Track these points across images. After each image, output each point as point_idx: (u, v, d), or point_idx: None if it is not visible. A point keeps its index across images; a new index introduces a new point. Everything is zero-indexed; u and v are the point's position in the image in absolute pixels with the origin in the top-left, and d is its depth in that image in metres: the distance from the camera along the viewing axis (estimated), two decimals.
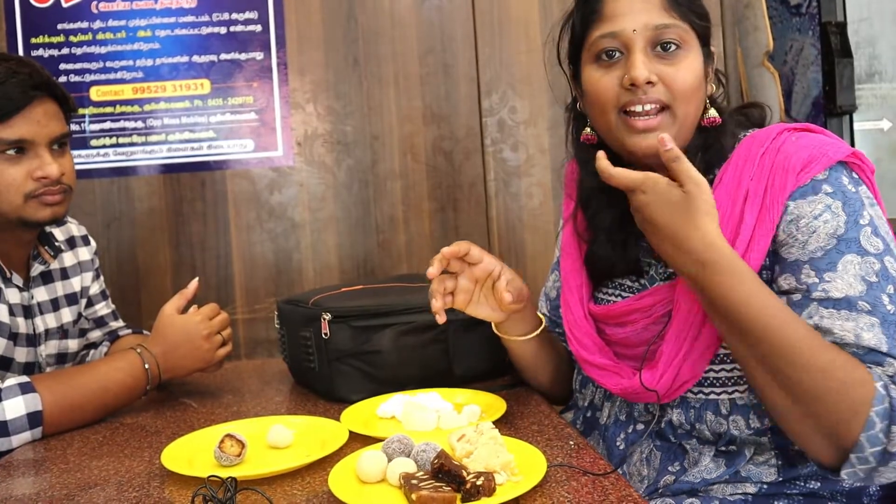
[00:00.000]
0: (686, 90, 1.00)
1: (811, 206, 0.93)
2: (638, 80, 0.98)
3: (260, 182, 2.12)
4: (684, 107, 1.00)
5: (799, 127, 1.00)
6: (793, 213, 0.94)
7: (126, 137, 2.10)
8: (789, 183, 0.94)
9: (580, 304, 1.15)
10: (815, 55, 3.03)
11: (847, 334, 0.88)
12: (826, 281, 0.90)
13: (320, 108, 2.13)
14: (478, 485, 0.79)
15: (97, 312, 1.60)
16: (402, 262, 2.13)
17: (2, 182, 1.28)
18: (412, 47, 2.13)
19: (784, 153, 0.97)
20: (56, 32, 2.09)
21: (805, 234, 0.93)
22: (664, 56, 1.00)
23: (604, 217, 1.11)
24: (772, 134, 1.00)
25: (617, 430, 1.12)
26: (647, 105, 0.99)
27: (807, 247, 0.93)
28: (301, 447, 1.05)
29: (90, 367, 1.29)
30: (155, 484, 0.95)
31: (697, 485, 1.01)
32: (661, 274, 1.09)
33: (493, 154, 2.15)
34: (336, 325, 1.27)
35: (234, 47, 2.11)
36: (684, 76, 0.99)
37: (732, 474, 1.00)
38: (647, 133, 1.00)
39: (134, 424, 1.24)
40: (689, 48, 1.01)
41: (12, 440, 1.14)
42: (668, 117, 1.00)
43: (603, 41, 1.02)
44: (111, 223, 2.10)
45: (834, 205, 0.93)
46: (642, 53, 0.99)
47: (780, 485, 0.99)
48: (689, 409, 1.03)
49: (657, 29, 0.99)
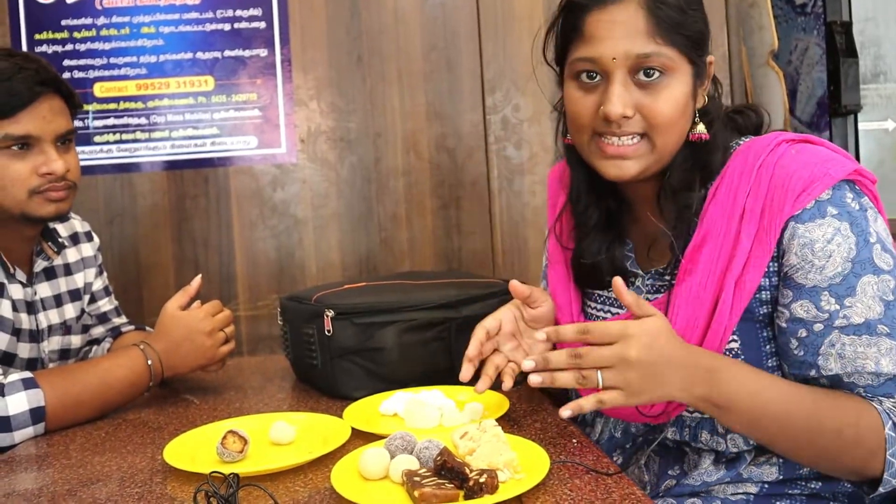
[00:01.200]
0: (665, 121, 0.95)
1: (821, 229, 0.90)
2: (612, 116, 0.94)
3: (263, 179, 2.12)
4: (664, 137, 0.96)
5: (798, 138, 0.96)
6: (805, 237, 0.91)
7: (129, 134, 2.10)
8: (788, 203, 0.91)
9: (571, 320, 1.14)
10: (819, 55, 3.03)
11: (868, 363, 0.89)
12: (847, 307, 0.89)
13: (323, 105, 2.12)
14: (480, 482, 0.79)
15: (100, 309, 1.60)
16: (405, 260, 2.13)
17: (6, 177, 1.28)
18: (415, 44, 2.13)
19: (783, 168, 0.93)
20: (60, 28, 2.09)
21: (822, 258, 0.90)
22: (645, 85, 0.94)
23: (591, 214, 1.10)
24: (769, 145, 0.96)
25: (612, 447, 1.11)
26: (622, 137, 0.96)
27: (824, 272, 0.90)
28: (303, 444, 1.05)
29: (93, 363, 1.29)
30: (157, 480, 0.95)
31: (698, 487, 1.00)
32: (647, 286, 1.07)
33: (497, 152, 2.15)
34: (339, 322, 1.27)
35: (238, 44, 2.11)
36: (663, 107, 0.95)
37: (733, 476, 1.00)
38: (617, 160, 0.97)
39: (136, 420, 1.24)
40: (674, 74, 0.95)
41: (15, 435, 1.14)
42: (645, 145, 0.97)
43: (581, 63, 0.97)
44: (114, 219, 2.10)
45: (842, 227, 0.90)
46: (620, 84, 0.94)
47: (782, 484, 0.99)
48: (685, 427, 1.03)
49: (639, 58, 0.93)
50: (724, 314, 0.95)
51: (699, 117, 1.00)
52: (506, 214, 2.15)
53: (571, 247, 1.14)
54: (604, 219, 1.10)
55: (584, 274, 1.12)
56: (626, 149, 0.96)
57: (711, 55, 1.01)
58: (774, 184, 0.93)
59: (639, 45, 0.93)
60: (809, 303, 0.91)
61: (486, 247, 2.15)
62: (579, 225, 1.12)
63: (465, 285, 1.41)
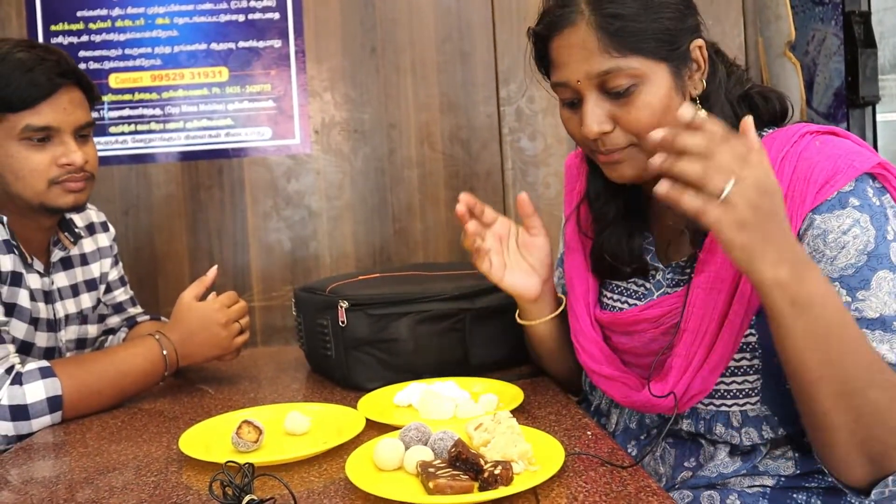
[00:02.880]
0: (645, 128, 0.92)
1: (838, 220, 0.89)
2: (589, 136, 0.96)
3: (277, 170, 2.12)
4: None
5: (823, 130, 0.95)
6: (819, 228, 0.89)
7: (144, 125, 2.11)
8: (810, 195, 0.90)
9: (586, 311, 1.13)
10: (837, 45, 2.99)
11: (887, 355, 0.85)
12: (860, 300, 0.87)
13: (337, 97, 2.12)
14: (495, 473, 0.79)
15: (116, 298, 1.61)
16: (419, 251, 2.13)
17: (26, 167, 1.29)
18: (429, 35, 2.12)
19: (806, 160, 0.91)
20: (76, 20, 2.10)
21: (834, 249, 0.89)
22: (617, 98, 0.94)
23: (610, 208, 1.10)
24: (793, 136, 0.94)
25: (627, 438, 1.11)
26: (608, 149, 0.98)
27: (836, 263, 0.89)
28: (318, 434, 1.05)
29: (109, 352, 1.30)
30: (173, 469, 0.96)
31: (714, 479, 1.00)
32: (668, 280, 1.06)
33: (511, 143, 2.14)
34: (353, 313, 1.27)
35: (252, 35, 2.11)
36: (639, 116, 0.94)
37: (750, 469, 0.99)
38: (613, 165, 0.99)
39: (152, 410, 1.25)
40: (645, 80, 0.94)
41: (32, 424, 1.16)
42: (634, 151, 0.97)
43: (558, 89, 1.00)
44: (129, 210, 2.11)
45: (862, 219, 0.88)
46: (593, 103, 0.95)
47: (799, 478, 0.98)
48: (700, 419, 1.02)
49: (600, 76, 0.93)
50: (742, 306, 0.93)
51: (700, 103, 0.98)
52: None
53: (592, 236, 1.14)
54: (623, 212, 1.09)
55: (603, 264, 1.12)
56: (614, 156, 0.98)
57: (698, 40, 0.97)
58: (797, 175, 0.91)
59: (596, 64, 0.93)
60: None
61: None
62: (598, 219, 1.12)
63: (479, 276, 1.40)
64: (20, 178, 1.29)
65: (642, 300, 1.08)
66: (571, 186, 1.22)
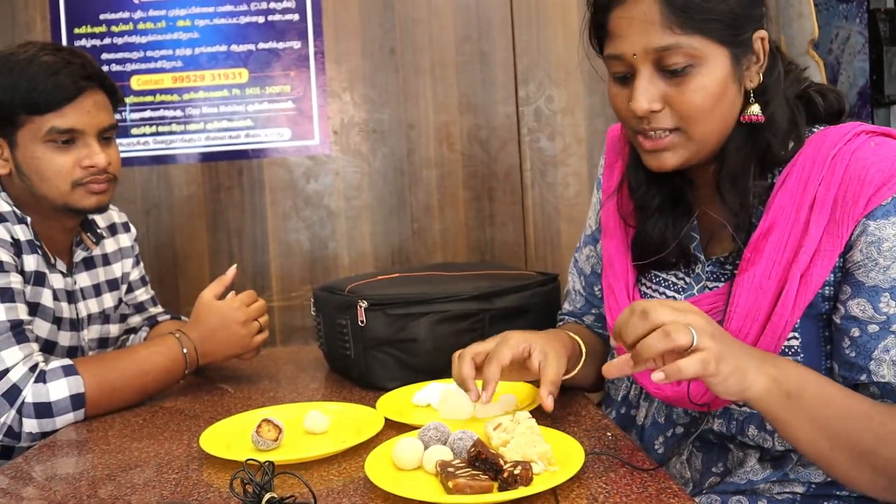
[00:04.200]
0: (697, 113, 0.92)
1: (894, 228, 0.86)
2: (637, 112, 0.93)
3: (296, 170, 2.13)
4: (698, 127, 0.93)
5: (878, 131, 0.91)
6: (874, 235, 0.87)
7: (165, 126, 2.13)
8: (864, 198, 0.87)
9: (626, 291, 1.10)
10: (862, 43, 2.96)
11: None
12: None
13: (356, 97, 2.13)
14: (515, 474, 0.78)
15: (137, 298, 1.62)
16: (437, 251, 2.13)
17: (51, 169, 1.31)
18: (448, 35, 2.12)
19: (860, 161, 0.88)
20: (98, 23, 2.12)
21: (888, 259, 0.86)
22: (672, 77, 0.92)
23: (654, 197, 1.06)
24: (846, 135, 0.91)
25: (654, 433, 1.09)
26: (654, 131, 0.95)
27: (888, 272, 0.86)
28: (337, 433, 1.05)
29: (131, 351, 1.31)
30: (193, 466, 0.96)
31: (744, 486, 0.98)
32: (707, 274, 1.04)
33: (530, 143, 2.13)
34: (372, 313, 1.27)
35: (272, 36, 2.12)
36: (692, 99, 0.91)
37: (780, 476, 0.97)
38: (656, 153, 0.96)
39: (173, 408, 1.26)
40: (704, 62, 0.91)
41: (56, 421, 1.17)
42: (680, 137, 0.95)
43: (611, 62, 0.97)
44: (150, 210, 2.13)
45: None
46: (646, 79, 0.92)
47: (830, 486, 0.96)
48: (732, 420, 0.99)
49: (658, 52, 0.90)
50: (787, 307, 0.91)
51: (755, 97, 0.96)
52: (538, 206, 2.14)
53: (632, 224, 1.10)
54: (668, 200, 1.05)
55: (646, 254, 1.07)
56: (661, 141, 0.95)
57: (762, 31, 0.95)
58: (850, 175, 0.88)
59: (656, 39, 0.90)
60: (867, 302, 0.87)
61: (518, 238, 2.14)
62: (641, 207, 1.08)
63: (498, 277, 1.41)
64: (45, 180, 1.31)
65: (681, 294, 1.06)
66: (613, 160, 1.18)
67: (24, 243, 1.30)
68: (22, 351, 1.19)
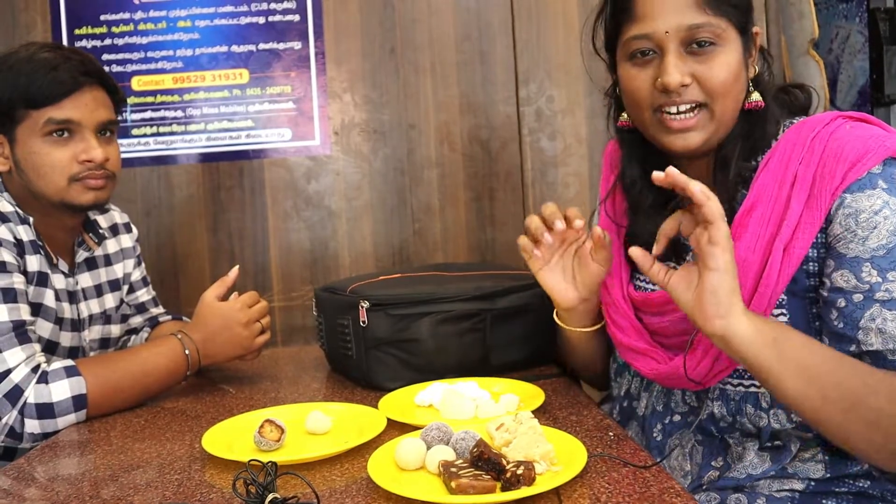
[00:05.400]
0: (722, 87, 0.98)
1: (870, 200, 0.90)
2: (670, 85, 0.97)
3: (297, 171, 2.13)
4: (722, 103, 0.99)
5: (855, 116, 0.97)
6: (851, 207, 0.91)
7: (166, 126, 2.13)
8: (840, 173, 0.91)
9: (620, 287, 1.14)
10: (862, 43, 2.96)
11: None
12: (890, 280, 0.88)
13: (357, 97, 2.13)
14: (518, 474, 0.78)
15: (138, 298, 1.62)
16: (438, 251, 2.13)
17: (47, 164, 1.31)
18: (449, 35, 2.12)
19: (837, 141, 0.94)
20: (99, 23, 2.12)
21: (865, 229, 0.90)
22: (698, 53, 0.98)
23: (646, 195, 1.10)
24: (825, 120, 0.97)
25: (654, 421, 1.11)
26: (681, 106, 0.99)
27: (867, 243, 0.90)
28: (339, 434, 1.05)
29: (132, 351, 1.31)
30: (196, 467, 0.96)
31: (743, 481, 0.99)
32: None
33: (531, 143, 2.13)
34: (374, 313, 1.28)
35: (273, 37, 2.12)
36: (719, 73, 0.97)
37: (779, 470, 0.98)
38: (683, 133, 1.00)
39: (174, 409, 1.26)
40: (726, 43, 0.98)
41: (58, 422, 1.17)
42: (705, 115, 0.99)
43: (636, 42, 1.00)
44: (151, 211, 2.13)
45: (891, 201, 0.90)
46: (675, 55, 0.98)
47: (829, 482, 0.97)
48: (729, 401, 1.02)
49: (690, 29, 0.97)
50: (772, 278, 0.94)
51: (753, 87, 1.03)
52: (539, 206, 2.13)
53: (625, 223, 1.15)
54: (660, 198, 1.09)
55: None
56: (688, 121, 0.99)
57: (757, 26, 1.03)
58: (827, 153, 0.93)
59: (689, 17, 0.97)
60: (850, 273, 0.90)
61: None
62: (634, 205, 1.13)
63: (499, 277, 1.41)
64: (41, 175, 1.31)
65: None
66: (608, 174, 1.23)
67: (26, 244, 1.30)
68: (24, 351, 1.19)
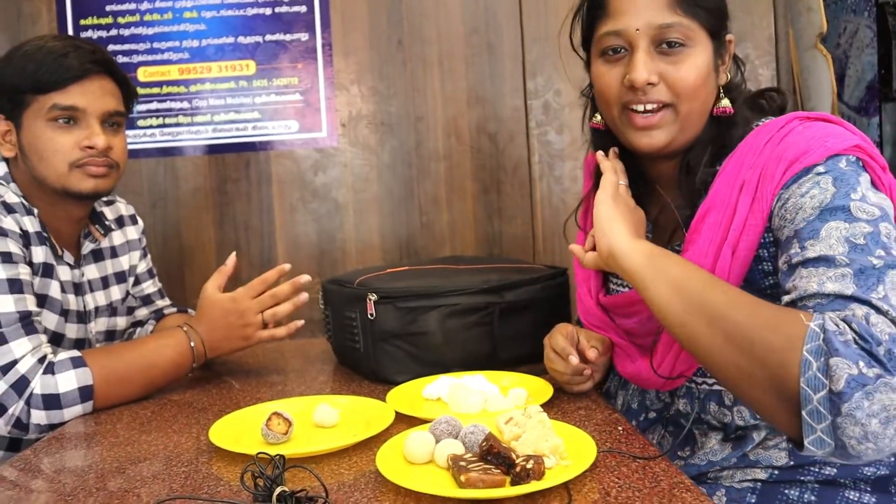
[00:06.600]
0: (688, 89, 0.99)
1: (800, 187, 0.90)
2: (636, 82, 0.98)
3: (304, 163, 2.13)
4: (687, 105, 1.00)
5: (813, 116, 0.97)
6: (783, 199, 0.92)
7: (172, 118, 2.12)
8: (779, 173, 0.92)
9: (589, 295, 1.18)
10: (870, 37, 2.94)
11: (811, 285, 0.82)
12: (806, 248, 0.86)
13: (364, 90, 2.12)
14: (527, 468, 0.78)
15: (144, 290, 1.62)
16: (445, 244, 2.12)
17: (49, 149, 1.31)
18: (457, 27, 2.11)
19: (784, 143, 0.94)
20: (105, 14, 2.11)
21: (792, 212, 0.90)
22: (667, 54, 0.99)
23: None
24: (780, 123, 0.97)
25: (630, 418, 1.13)
26: (647, 105, 1.00)
27: (794, 223, 0.89)
28: (347, 427, 1.05)
29: (138, 343, 1.31)
30: (203, 459, 0.96)
31: (704, 467, 1.01)
32: None
33: (538, 136, 2.12)
34: (382, 306, 1.27)
35: (280, 28, 2.11)
36: (686, 75, 0.98)
37: (740, 457, 0.99)
38: (647, 130, 1.01)
39: (181, 401, 1.25)
40: (695, 44, 0.99)
41: (64, 413, 1.17)
42: (670, 114, 1.01)
43: (608, 38, 1.02)
44: (157, 202, 2.12)
45: (822, 180, 0.89)
46: (644, 53, 0.99)
47: (793, 470, 0.97)
48: (694, 399, 1.05)
49: (661, 28, 0.98)
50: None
51: (724, 93, 1.04)
52: (546, 200, 2.13)
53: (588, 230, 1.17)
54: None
55: None
56: (652, 118, 1.00)
57: (731, 35, 1.05)
58: (773, 156, 0.94)
59: (661, 16, 0.98)
60: (785, 255, 0.90)
61: (526, 232, 2.13)
62: None
63: (507, 270, 1.40)
64: (43, 160, 1.31)
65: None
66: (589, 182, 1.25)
67: (32, 235, 1.30)
68: (30, 342, 1.19)
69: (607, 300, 1.14)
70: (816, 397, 0.74)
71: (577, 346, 1.12)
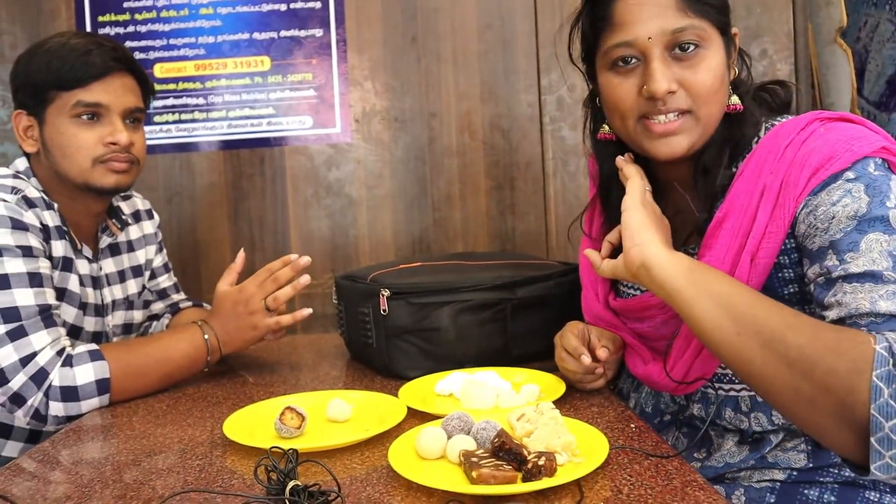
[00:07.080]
0: (708, 92, 0.96)
1: (829, 194, 0.87)
2: (657, 93, 0.95)
3: (318, 158, 2.13)
4: (707, 109, 0.97)
5: (833, 116, 0.94)
6: (811, 205, 0.89)
7: (188, 114, 2.13)
8: (804, 180, 0.89)
9: (597, 299, 1.16)
10: (891, 31, 2.90)
11: (863, 304, 0.80)
12: (847, 262, 0.84)
13: (378, 85, 2.12)
14: (539, 464, 0.78)
15: (160, 285, 1.63)
16: (458, 240, 2.12)
17: (73, 144, 1.32)
18: (471, 23, 2.11)
19: (807, 148, 0.91)
20: (122, 10, 2.12)
21: (824, 221, 0.87)
22: (683, 58, 0.96)
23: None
24: (800, 124, 0.94)
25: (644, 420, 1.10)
26: (668, 114, 0.97)
27: (828, 233, 0.86)
28: (360, 422, 1.05)
29: (154, 338, 1.32)
30: (217, 453, 0.97)
31: (721, 469, 1.00)
32: None
33: (552, 132, 2.12)
34: (394, 302, 1.27)
35: (294, 24, 2.12)
36: (704, 78, 0.95)
37: (757, 459, 0.98)
38: (667, 137, 0.98)
39: (196, 394, 1.27)
40: (709, 45, 0.96)
41: (82, 405, 1.18)
42: (690, 120, 0.97)
43: (618, 50, 0.98)
44: (172, 198, 2.14)
45: (854, 188, 0.86)
46: (660, 61, 0.95)
47: (811, 472, 0.96)
48: (710, 404, 1.03)
49: (674, 33, 0.94)
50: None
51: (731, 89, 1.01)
52: (560, 196, 2.12)
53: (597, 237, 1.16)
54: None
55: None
56: (672, 125, 0.97)
57: (735, 27, 1.02)
58: (795, 161, 0.91)
59: (672, 21, 0.94)
60: (817, 264, 0.88)
61: (539, 228, 2.12)
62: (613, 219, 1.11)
63: (520, 266, 1.40)
64: (67, 156, 1.33)
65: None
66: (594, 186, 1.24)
67: (52, 229, 1.31)
68: (50, 335, 1.20)
69: (618, 304, 1.12)
70: (889, 425, 0.72)
71: (589, 344, 1.11)
